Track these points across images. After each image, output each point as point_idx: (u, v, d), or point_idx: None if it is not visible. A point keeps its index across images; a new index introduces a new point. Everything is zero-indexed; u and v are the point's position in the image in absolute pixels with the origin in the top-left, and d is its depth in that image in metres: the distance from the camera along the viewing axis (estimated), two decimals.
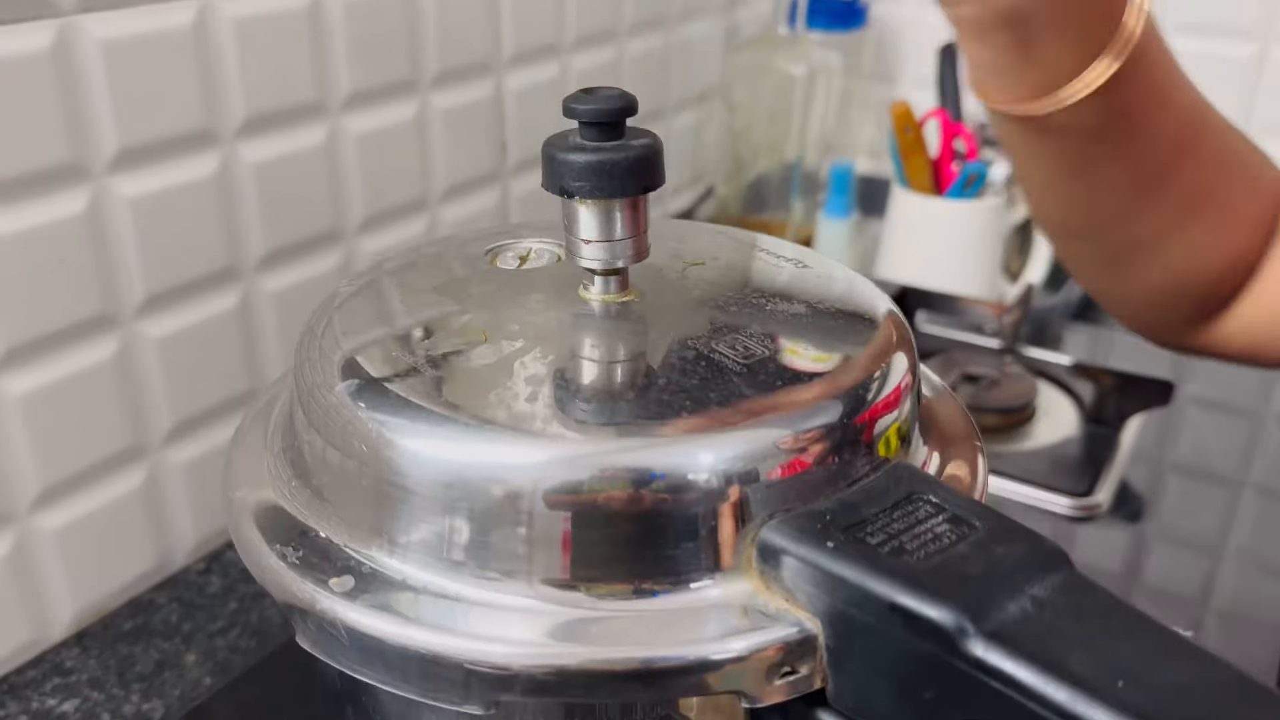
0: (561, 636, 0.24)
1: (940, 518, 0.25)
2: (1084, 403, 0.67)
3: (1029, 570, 0.24)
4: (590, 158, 0.28)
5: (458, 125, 0.70)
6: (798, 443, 0.26)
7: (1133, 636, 0.23)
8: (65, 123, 0.49)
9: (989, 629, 0.22)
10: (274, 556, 0.26)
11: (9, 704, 0.51)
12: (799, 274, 0.33)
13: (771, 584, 0.25)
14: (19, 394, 0.50)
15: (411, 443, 0.25)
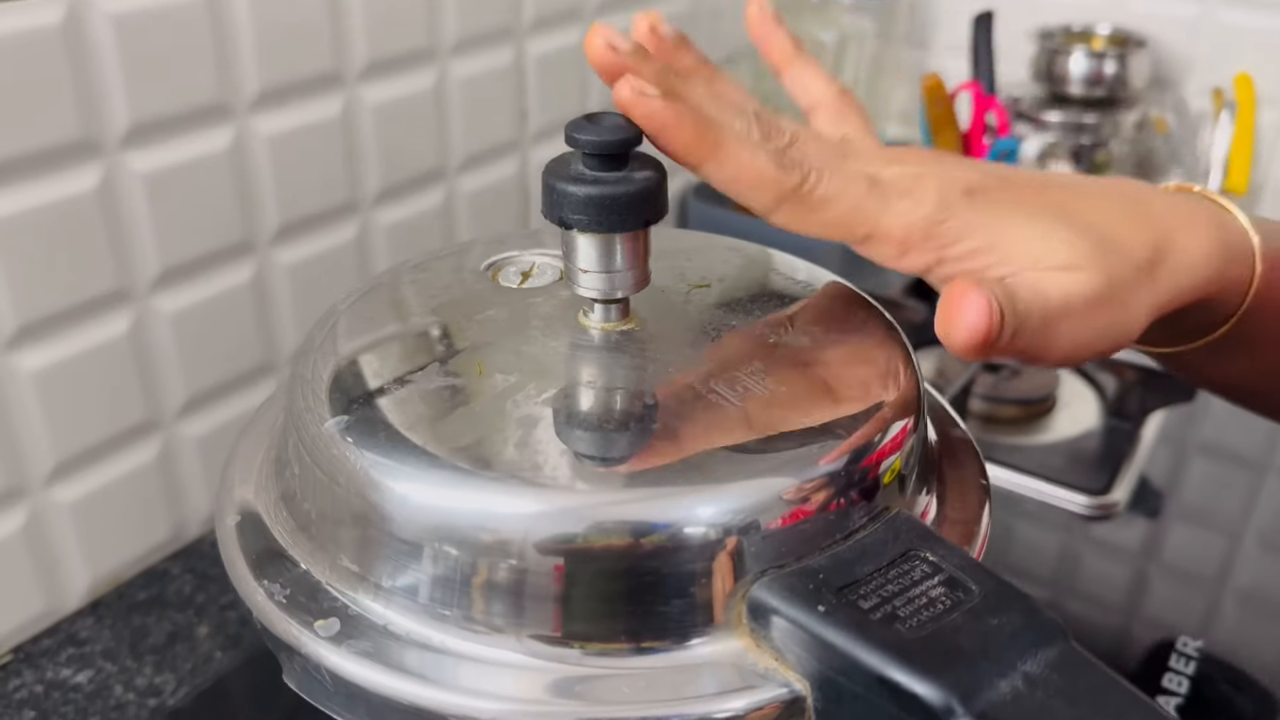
0: (552, 693, 0.24)
1: (936, 579, 0.25)
2: (1106, 395, 0.66)
3: (1023, 645, 0.23)
4: (590, 190, 0.27)
5: (477, 93, 0.69)
6: (797, 494, 0.25)
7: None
8: (76, 98, 0.48)
9: (978, 710, 0.22)
10: (262, 594, 0.26)
11: (25, 673, 0.52)
12: (806, 300, 0.32)
13: (761, 642, 0.25)
14: (34, 369, 0.50)
15: (398, 485, 0.25)
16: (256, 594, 0.26)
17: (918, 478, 0.29)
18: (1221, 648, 0.49)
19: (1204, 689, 0.47)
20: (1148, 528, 0.57)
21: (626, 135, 0.27)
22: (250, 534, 0.28)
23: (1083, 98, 0.88)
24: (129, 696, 0.51)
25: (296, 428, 0.28)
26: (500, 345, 0.29)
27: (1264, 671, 0.49)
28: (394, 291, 0.32)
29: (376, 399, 0.27)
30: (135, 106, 0.50)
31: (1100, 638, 0.51)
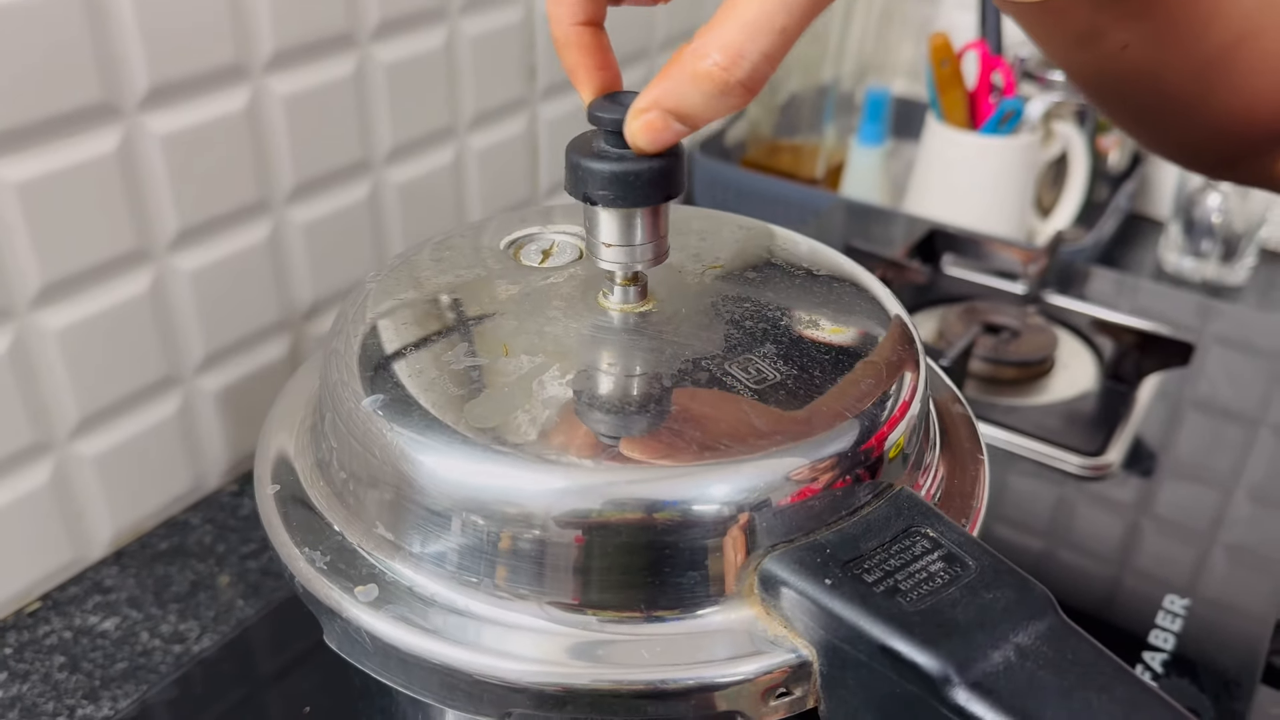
0: (572, 656, 0.25)
1: (935, 555, 0.27)
2: (1103, 358, 0.68)
3: (1015, 618, 0.25)
4: (613, 167, 0.28)
5: (486, 51, 0.70)
6: (805, 474, 0.27)
7: (1110, 691, 0.24)
8: (96, 62, 0.49)
9: (972, 678, 0.24)
10: (304, 560, 0.27)
11: (53, 619, 0.54)
12: (813, 280, 0.34)
13: (772, 611, 0.26)
14: (58, 327, 0.51)
15: (429, 460, 0.27)
16: (298, 560, 0.27)
17: (919, 453, 0.31)
18: (1208, 604, 0.51)
19: (1189, 644, 0.49)
20: (1141, 487, 0.58)
21: None
22: (289, 501, 0.30)
23: None
24: (155, 643, 0.53)
25: (332, 401, 0.29)
26: (524, 326, 0.30)
27: (1249, 625, 0.50)
28: (419, 270, 0.34)
29: (407, 376, 0.29)
30: (154, 69, 0.51)
31: (1091, 594, 0.52)
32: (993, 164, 0.82)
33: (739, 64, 0.26)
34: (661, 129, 0.27)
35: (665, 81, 0.27)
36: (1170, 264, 0.90)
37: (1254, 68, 0.40)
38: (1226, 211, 0.86)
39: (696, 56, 0.26)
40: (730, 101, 0.27)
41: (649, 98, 0.27)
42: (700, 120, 0.28)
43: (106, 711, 0.49)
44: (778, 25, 0.26)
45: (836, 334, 0.31)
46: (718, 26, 0.27)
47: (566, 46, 0.32)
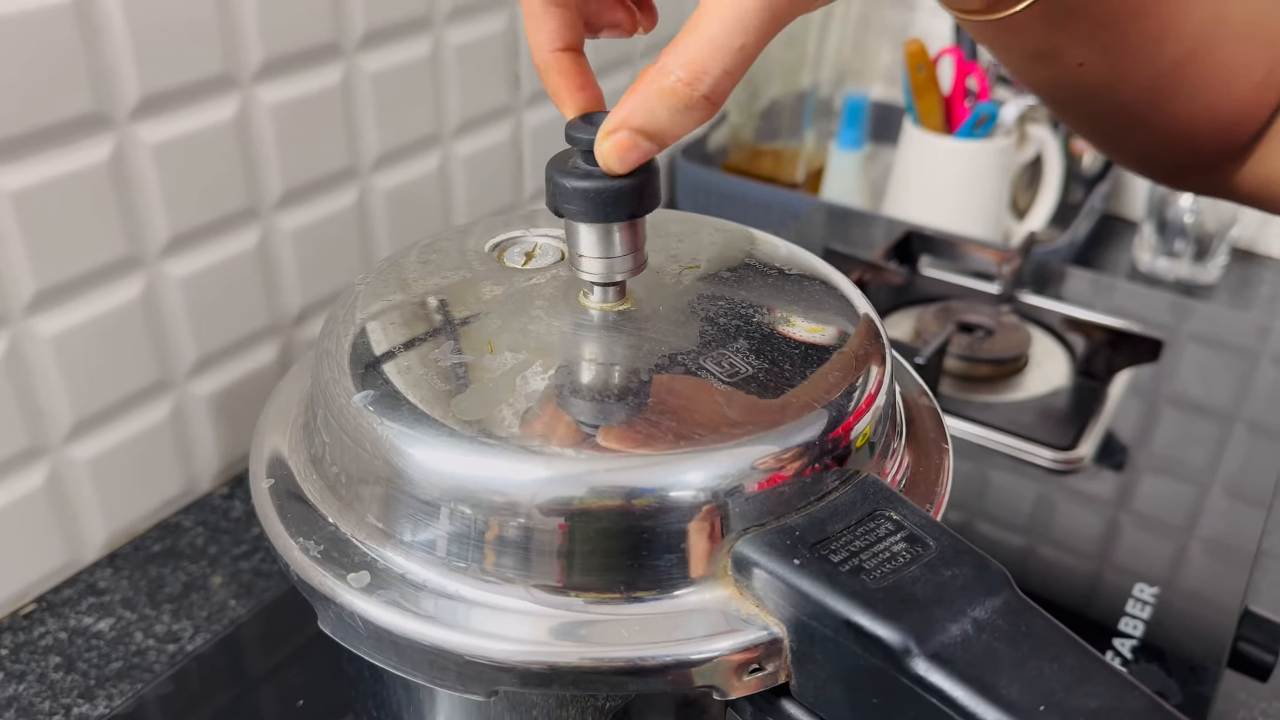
0: (556, 636, 0.27)
1: (898, 536, 0.28)
2: (1075, 355, 0.69)
3: (972, 593, 0.27)
4: (587, 184, 0.29)
5: (471, 60, 0.71)
6: (776, 462, 0.28)
7: (1060, 661, 0.25)
8: (88, 73, 0.50)
9: (931, 650, 0.25)
10: (298, 549, 0.29)
11: (48, 621, 0.55)
12: (785, 280, 0.35)
13: (744, 591, 0.28)
14: (51, 334, 0.52)
15: (418, 452, 0.28)
16: (293, 550, 0.29)
17: (886, 442, 0.32)
18: (1177, 593, 0.53)
19: (1158, 631, 0.50)
20: (1113, 481, 0.60)
21: None
22: (284, 495, 0.31)
23: None
24: (149, 643, 0.54)
25: (324, 398, 0.31)
26: (508, 325, 0.32)
27: (1216, 613, 0.52)
28: (406, 272, 0.35)
29: (396, 373, 0.30)
30: (144, 80, 0.52)
31: (1063, 583, 0.54)
32: (968, 167, 0.84)
33: (701, 79, 0.28)
34: (630, 148, 0.29)
35: (631, 100, 0.29)
36: (1144, 264, 0.92)
37: (1205, 82, 0.42)
38: (1198, 212, 0.88)
39: (661, 74, 0.28)
40: (695, 116, 0.28)
41: (616, 118, 0.29)
42: (667, 136, 0.29)
43: (102, 710, 0.50)
44: (736, 44, 0.28)
45: (807, 330, 0.33)
46: (680, 44, 0.28)
47: (547, 71, 0.33)
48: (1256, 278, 0.92)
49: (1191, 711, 0.46)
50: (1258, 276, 0.93)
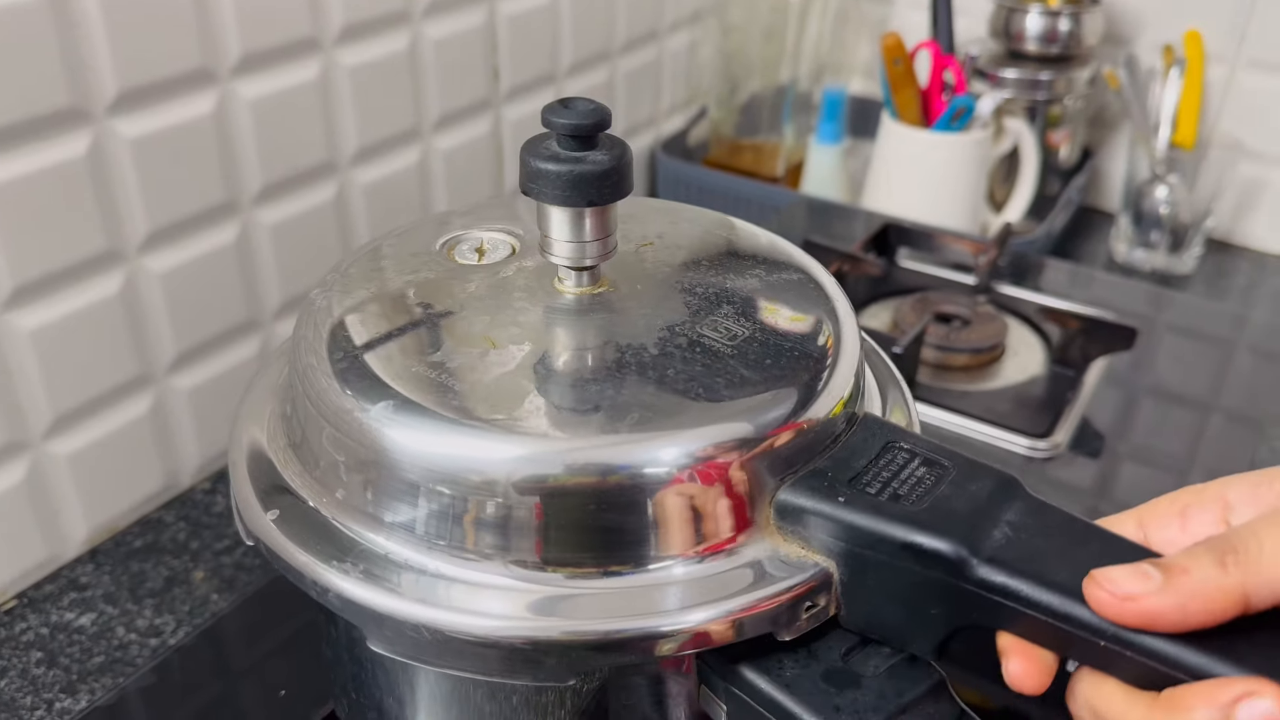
0: (535, 611, 0.27)
1: (916, 462, 0.30)
2: (1051, 344, 0.70)
3: (999, 501, 0.29)
4: (561, 168, 0.30)
5: (450, 54, 0.71)
6: (797, 411, 0.30)
7: (1087, 545, 0.29)
8: (65, 68, 0.50)
9: (986, 555, 0.28)
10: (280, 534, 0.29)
11: (29, 617, 0.55)
12: (756, 262, 0.36)
13: (789, 537, 0.30)
14: (30, 328, 0.52)
15: (397, 434, 0.28)
16: (271, 531, 0.29)
17: (862, 389, 0.34)
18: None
19: None
20: (1089, 468, 0.61)
21: (596, 119, 0.30)
22: (261, 476, 0.31)
23: (1038, 54, 0.91)
24: (131, 637, 0.54)
25: (303, 384, 0.31)
26: (482, 311, 0.32)
27: None
28: (366, 273, 0.35)
29: (374, 359, 0.30)
30: (122, 74, 0.52)
31: None
32: (945, 160, 0.85)
33: None
34: None
35: None
36: (1120, 255, 0.93)
37: None
38: (1174, 203, 0.89)
39: None
40: None
41: None
42: None
43: (84, 704, 0.50)
44: None
45: (778, 292, 0.34)
46: None
47: None
48: (1232, 268, 0.93)
49: None
50: (1233, 267, 0.93)
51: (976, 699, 0.47)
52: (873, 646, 0.29)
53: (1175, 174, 0.87)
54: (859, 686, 0.28)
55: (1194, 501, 0.30)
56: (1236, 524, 0.29)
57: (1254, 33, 0.89)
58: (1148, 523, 0.31)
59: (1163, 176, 0.88)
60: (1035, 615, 0.27)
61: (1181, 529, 0.30)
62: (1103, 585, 0.27)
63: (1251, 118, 0.91)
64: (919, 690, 0.28)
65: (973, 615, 0.28)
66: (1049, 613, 0.27)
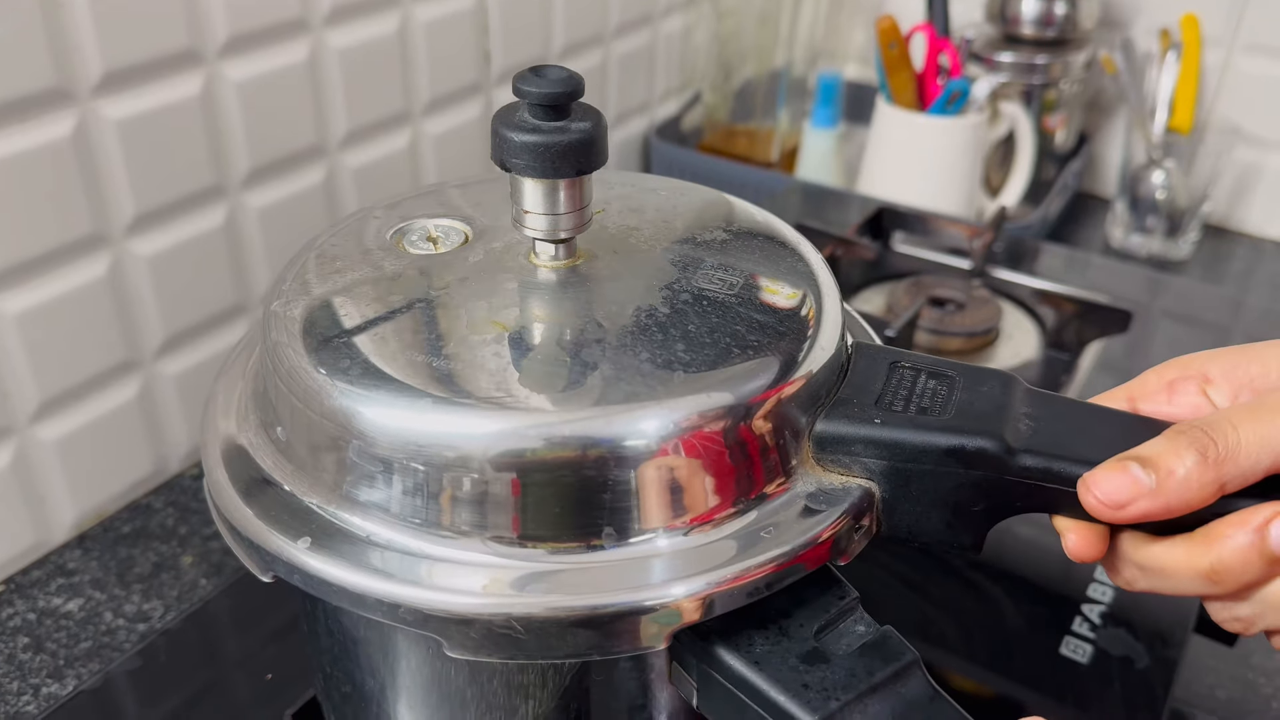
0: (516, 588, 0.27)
1: (923, 376, 0.32)
2: (1046, 327, 0.69)
3: (1009, 397, 0.31)
4: (530, 138, 0.29)
5: (440, 37, 0.71)
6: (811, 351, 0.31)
7: (1100, 422, 0.31)
8: (49, 47, 0.50)
9: (1022, 446, 0.30)
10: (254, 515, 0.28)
11: (17, 602, 0.54)
12: (736, 234, 0.36)
13: (829, 466, 0.31)
14: (16, 312, 0.52)
15: (369, 411, 0.28)
16: (244, 511, 0.29)
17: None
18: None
19: (1126, 598, 0.51)
20: None
21: (568, 87, 0.29)
22: (236, 464, 0.31)
23: (1034, 38, 0.91)
24: (119, 622, 0.54)
25: (273, 362, 0.30)
26: (455, 289, 0.32)
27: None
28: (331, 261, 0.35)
29: (347, 336, 0.30)
30: (107, 55, 0.52)
31: (1029, 551, 0.54)
32: (941, 143, 0.84)
33: None
34: None
35: None
36: (1117, 240, 0.92)
37: None
38: (1170, 189, 0.88)
39: None
40: None
41: None
42: None
43: (71, 689, 0.49)
44: None
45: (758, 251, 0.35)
46: None
47: None
48: (1228, 253, 0.93)
49: (1159, 676, 0.47)
50: (1229, 252, 0.93)
51: (972, 686, 0.47)
52: (846, 625, 0.29)
53: (1171, 159, 0.87)
54: (829, 664, 0.28)
55: (1178, 376, 0.33)
56: (1216, 398, 0.32)
57: (1251, 17, 0.89)
58: (1137, 396, 0.33)
59: (1159, 161, 0.87)
60: (1073, 491, 0.29)
61: (1168, 401, 0.32)
62: (1093, 492, 0.29)
63: (1248, 102, 0.91)
64: (890, 669, 0.28)
65: (1015, 504, 0.30)
66: None
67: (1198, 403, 0.32)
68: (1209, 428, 0.29)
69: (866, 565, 0.39)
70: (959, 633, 0.49)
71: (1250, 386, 0.32)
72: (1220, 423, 0.29)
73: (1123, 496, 0.29)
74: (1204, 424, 0.29)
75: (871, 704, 0.27)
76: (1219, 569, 0.29)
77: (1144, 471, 0.29)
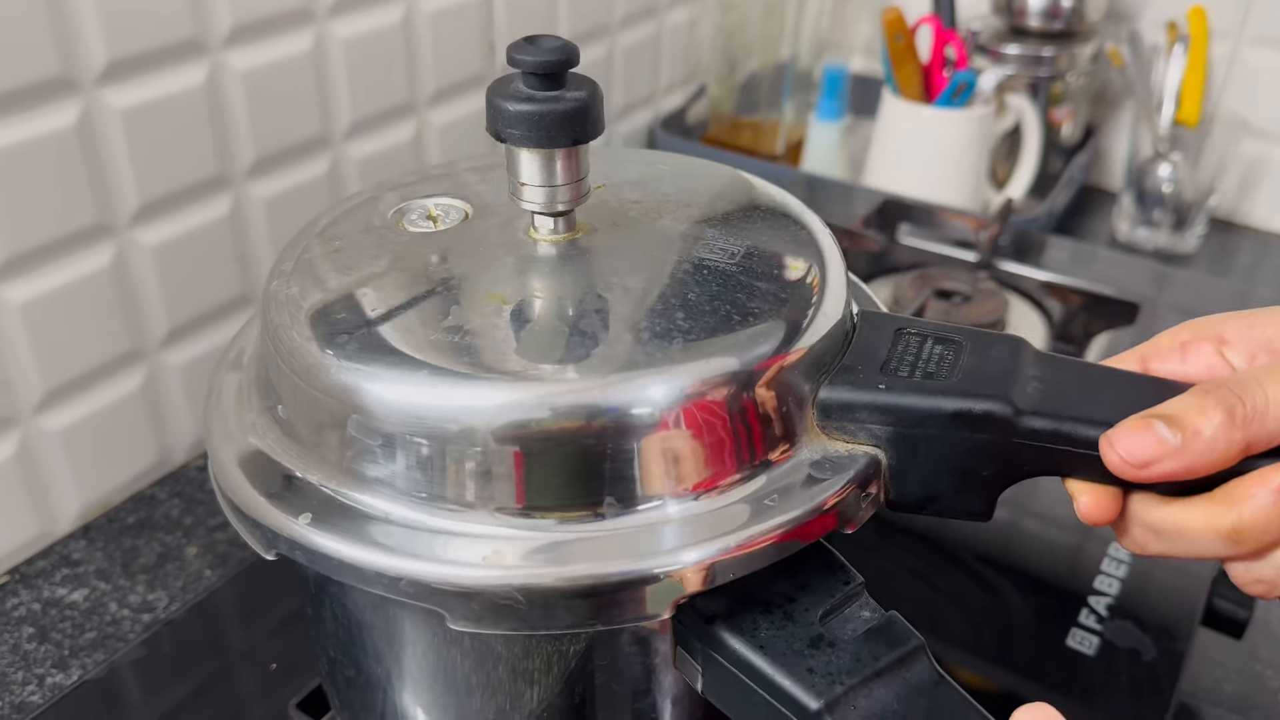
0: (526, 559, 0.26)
1: (929, 342, 0.31)
2: (1053, 320, 0.69)
3: (1016, 359, 0.30)
4: (524, 108, 0.29)
5: (445, 27, 0.71)
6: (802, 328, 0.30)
7: (1112, 383, 0.30)
8: (54, 36, 0.50)
9: (1029, 408, 0.29)
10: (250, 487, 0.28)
11: (21, 592, 0.54)
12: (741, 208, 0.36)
13: (834, 434, 0.30)
14: (20, 302, 0.52)
15: (372, 387, 0.28)
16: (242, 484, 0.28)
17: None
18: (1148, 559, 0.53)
19: (1132, 590, 0.50)
20: None
21: (563, 56, 0.29)
22: (239, 445, 0.30)
23: (1040, 31, 0.90)
24: (124, 613, 0.53)
25: (273, 341, 0.30)
26: (456, 263, 0.32)
27: (1191, 570, 0.52)
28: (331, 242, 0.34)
29: (344, 311, 0.30)
30: (111, 44, 0.52)
31: (1036, 542, 0.54)
32: (947, 136, 0.84)
33: None
34: None
35: None
36: (1123, 233, 0.92)
37: None
38: (1177, 182, 0.88)
39: None
40: None
41: None
42: None
43: (76, 679, 0.49)
44: None
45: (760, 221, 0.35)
46: None
47: None
48: (1235, 247, 0.92)
49: (1166, 669, 0.46)
50: (1236, 246, 0.93)
51: (977, 679, 0.47)
52: (851, 610, 0.29)
53: (1178, 152, 0.86)
54: (834, 649, 0.27)
55: (1193, 337, 0.32)
56: (1233, 359, 0.31)
57: (1258, 9, 0.88)
58: (1150, 358, 0.32)
59: (1166, 154, 0.87)
60: (1084, 453, 0.29)
61: (1182, 362, 0.31)
62: (1116, 450, 0.28)
63: (1255, 95, 0.90)
64: (895, 654, 0.28)
65: (1025, 468, 0.30)
66: (1096, 447, 0.28)
67: (1213, 363, 0.31)
68: (1236, 386, 0.28)
69: (872, 555, 0.39)
70: (965, 624, 0.49)
71: (1267, 348, 0.31)
72: (1247, 382, 0.28)
73: (1147, 455, 0.28)
74: (1230, 383, 0.29)
75: (876, 688, 0.27)
76: (1241, 529, 0.28)
77: (1169, 430, 0.28)
